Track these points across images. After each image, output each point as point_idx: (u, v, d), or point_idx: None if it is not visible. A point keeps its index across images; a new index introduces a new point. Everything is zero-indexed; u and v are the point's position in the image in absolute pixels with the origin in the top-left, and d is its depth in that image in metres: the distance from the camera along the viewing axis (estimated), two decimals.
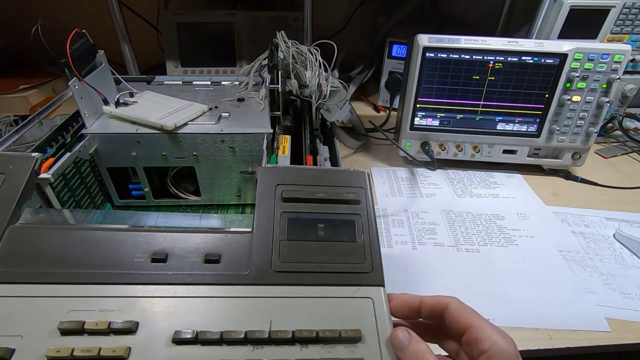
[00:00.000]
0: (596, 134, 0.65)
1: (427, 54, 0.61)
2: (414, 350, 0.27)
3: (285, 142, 0.51)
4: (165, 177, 0.57)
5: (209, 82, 0.67)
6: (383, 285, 0.33)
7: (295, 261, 0.33)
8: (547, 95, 0.63)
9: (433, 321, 0.31)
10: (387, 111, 0.88)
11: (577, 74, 0.60)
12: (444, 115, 0.66)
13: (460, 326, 0.28)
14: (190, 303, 0.31)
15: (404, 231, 0.57)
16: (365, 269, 0.33)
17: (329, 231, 0.35)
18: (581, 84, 0.61)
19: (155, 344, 0.28)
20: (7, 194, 0.36)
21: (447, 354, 0.31)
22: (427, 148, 0.68)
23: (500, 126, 0.66)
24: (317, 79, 0.56)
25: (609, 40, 0.74)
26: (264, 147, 0.50)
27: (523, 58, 0.61)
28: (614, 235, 0.57)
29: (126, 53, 0.81)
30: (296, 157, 0.50)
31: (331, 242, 0.34)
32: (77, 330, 0.28)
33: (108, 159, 0.52)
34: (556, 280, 0.49)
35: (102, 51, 0.53)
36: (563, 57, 0.60)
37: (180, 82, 0.66)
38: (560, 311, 0.45)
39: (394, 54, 0.86)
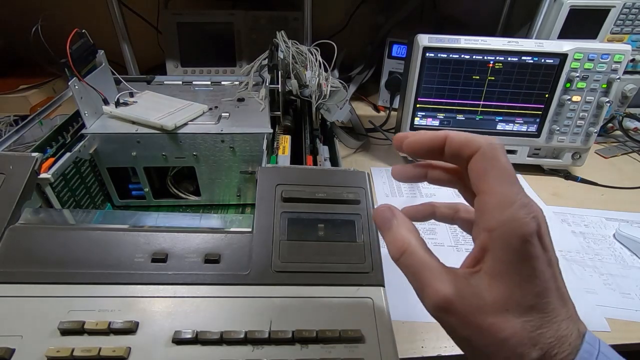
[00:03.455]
0: (596, 134, 0.65)
1: (427, 54, 0.61)
2: (394, 237, 0.23)
3: (285, 142, 0.51)
4: (165, 177, 0.57)
5: (209, 82, 0.67)
6: (383, 285, 0.33)
7: (295, 261, 0.33)
8: (547, 95, 0.63)
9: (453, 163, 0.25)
10: (387, 111, 0.88)
11: (577, 74, 0.60)
12: (444, 115, 0.66)
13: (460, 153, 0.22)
14: (190, 303, 0.31)
15: None
16: (365, 269, 0.33)
17: (329, 231, 0.35)
18: (581, 84, 0.61)
19: (155, 344, 0.28)
20: (7, 194, 0.36)
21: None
22: None
23: (500, 126, 0.66)
24: (317, 79, 0.56)
25: (609, 40, 0.74)
26: (264, 147, 0.50)
27: (523, 58, 0.61)
28: (614, 235, 0.57)
29: (126, 53, 0.81)
30: (296, 157, 0.50)
31: (331, 242, 0.35)
32: (77, 330, 0.28)
33: (108, 159, 0.52)
34: None
35: (102, 51, 0.53)
36: (563, 57, 0.60)
37: (180, 82, 0.66)
38: None
39: (394, 54, 0.86)
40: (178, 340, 0.28)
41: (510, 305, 0.19)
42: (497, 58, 0.61)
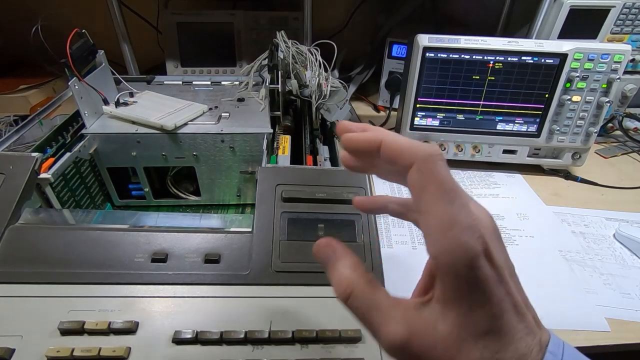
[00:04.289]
0: (596, 134, 0.65)
1: (427, 54, 0.61)
2: (338, 278, 0.21)
3: (285, 142, 0.51)
4: (165, 177, 0.57)
5: (209, 82, 0.67)
6: (383, 285, 0.33)
7: (295, 261, 0.33)
8: (547, 95, 0.63)
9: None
10: (387, 111, 0.88)
11: (577, 74, 0.60)
12: (444, 115, 0.66)
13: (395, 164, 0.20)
14: (190, 303, 0.31)
15: (404, 231, 0.56)
16: (365, 268, 0.33)
17: (329, 231, 0.35)
18: (581, 84, 0.61)
19: (155, 344, 0.28)
20: (7, 194, 0.36)
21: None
22: None
23: (500, 126, 0.66)
24: (317, 79, 0.56)
25: (609, 40, 0.74)
26: (264, 147, 0.50)
27: (523, 58, 0.61)
28: (614, 235, 0.57)
29: (126, 53, 0.81)
30: (296, 157, 0.50)
31: None
32: (77, 330, 0.28)
33: (108, 159, 0.52)
34: (556, 280, 0.49)
35: (102, 51, 0.53)
36: (563, 57, 0.60)
37: (180, 82, 0.66)
38: (560, 311, 0.45)
39: (394, 54, 0.86)
40: (178, 340, 0.28)
41: (465, 334, 0.18)
42: (497, 58, 0.61)
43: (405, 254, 0.52)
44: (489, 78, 0.62)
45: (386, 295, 0.21)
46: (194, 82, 0.67)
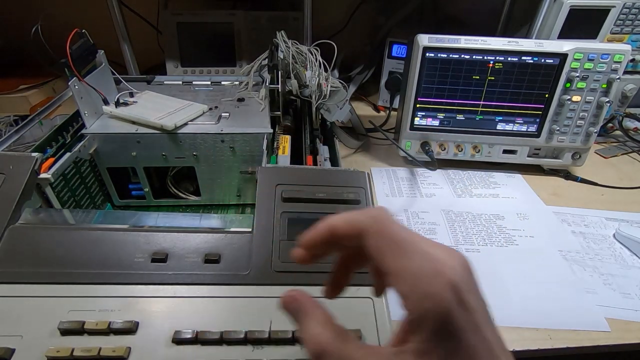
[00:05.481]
0: (596, 134, 0.65)
1: (427, 54, 0.61)
2: (308, 336, 0.21)
3: (285, 142, 0.51)
4: (165, 177, 0.57)
5: (209, 82, 0.67)
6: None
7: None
8: (547, 95, 0.63)
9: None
10: (387, 111, 0.88)
11: (577, 74, 0.60)
12: (444, 115, 0.66)
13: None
14: (190, 303, 0.31)
15: None
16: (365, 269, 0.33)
17: None
18: (581, 84, 0.61)
19: (155, 344, 0.28)
20: (7, 194, 0.36)
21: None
22: (427, 148, 0.68)
23: (500, 126, 0.66)
24: (317, 79, 0.56)
25: (609, 40, 0.74)
26: (264, 147, 0.50)
27: (523, 58, 0.61)
28: (614, 235, 0.57)
29: (126, 53, 0.81)
30: (296, 157, 0.50)
31: None
32: (77, 330, 0.28)
33: (108, 159, 0.52)
34: (556, 280, 0.49)
35: (102, 51, 0.53)
36: (563, 57, 0.60)
37: (180, 82, 0.66)
38: (560, 311, 0.45)
39: (394, 54, 0.86)
40: (178, 340, 0.28)
41: None
42: (497, 58, 0.61)
43: None
44: (489, 78, 0.63)
45: (359, 347, 0.20)
46: (194, 82, 0.67)
